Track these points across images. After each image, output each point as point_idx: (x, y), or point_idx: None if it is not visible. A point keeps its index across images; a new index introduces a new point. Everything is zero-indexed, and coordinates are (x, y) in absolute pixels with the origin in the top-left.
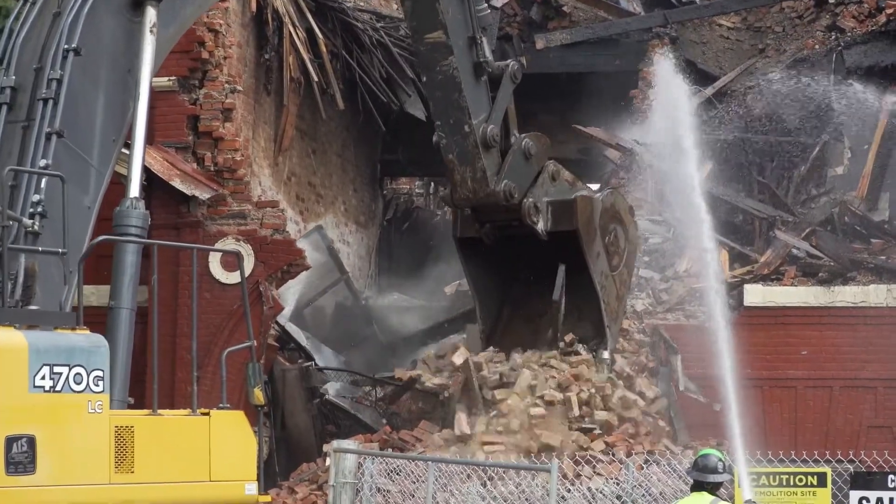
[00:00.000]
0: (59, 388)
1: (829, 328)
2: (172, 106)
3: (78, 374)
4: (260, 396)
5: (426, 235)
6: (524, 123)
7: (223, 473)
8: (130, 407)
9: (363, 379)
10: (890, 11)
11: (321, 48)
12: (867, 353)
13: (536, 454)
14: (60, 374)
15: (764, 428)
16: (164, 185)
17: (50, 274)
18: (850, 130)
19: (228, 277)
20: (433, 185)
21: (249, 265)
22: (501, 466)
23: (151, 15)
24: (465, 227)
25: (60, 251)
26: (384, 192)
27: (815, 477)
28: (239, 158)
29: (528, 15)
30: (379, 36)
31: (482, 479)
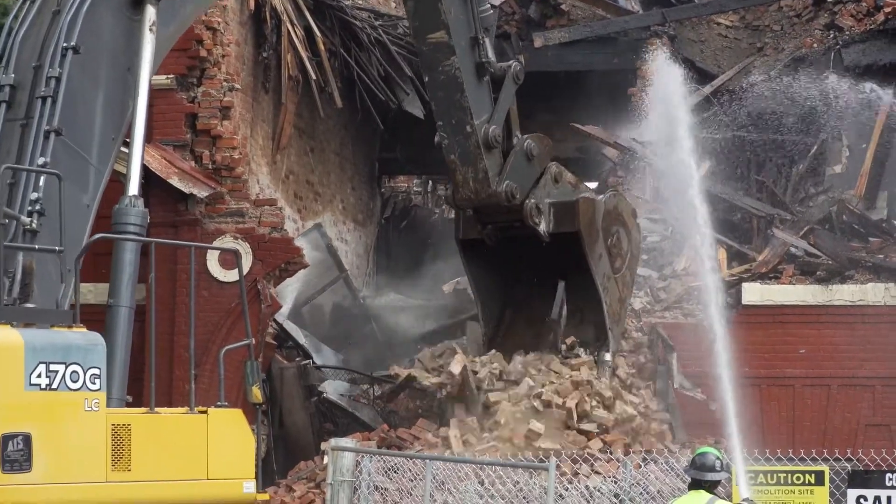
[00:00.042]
0: (55, 386)
1: (827, 327)
2: (170, 104)
3: (74, 372)
4: (258, 394)
5: (424, 234)
6: (522, 122)
7: (221, 471)
8: (129, 405)
9: (361, 377)
10: (888, 10)
11: (319, 46)
12: (865, 351)
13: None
14: (57, 372)
15: (762, 426)
16: (162, 183)
17: (47, 272)
18: (848, 129)
19: (226, 275)
20: (431, 183)
21: (247, 263)
22: (499, 465)
23: (151, 13)
24: (467, 228)
25: (57, 249)
26: (382, 190)
27: (812, 475)
28: (237, 157)
29: (526, 13)
30: (377, 34)
31: (479, 477)
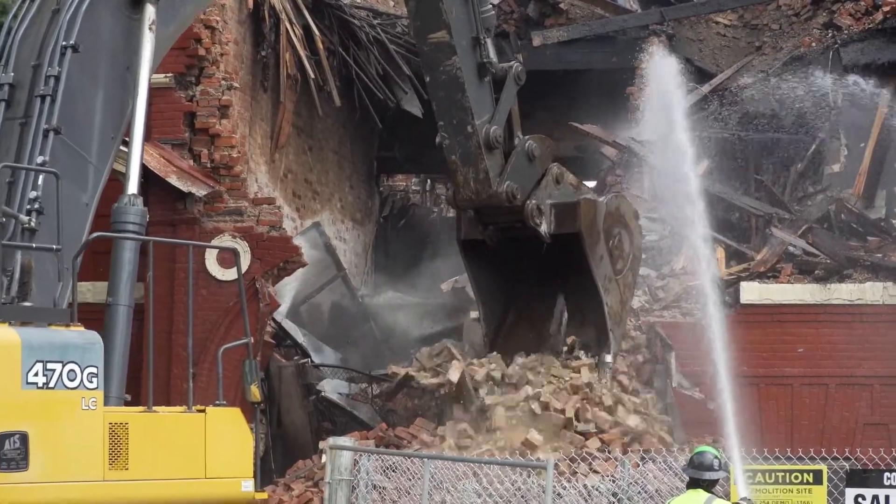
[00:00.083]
0: (52, 384)
1: (825, 326)
2: (169, 103)
3: (72, 370)
4: (256, 393)
5: (422, 232)
6: (521, 121)
7: (219, 470)
8: (127, 404)
9: (359, 376)
10: (887, 9)
11: (318, 45)
12: (863, 350)
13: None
14: (54, 370)
15: (760, 425)
16: (160, 181)
17: (46, 271)
18: (846, 128)
19: (225, 274)
20: (429, 182)
21: (246, 262)
22: (498, 464)
23: (150, 12)
24: (468, 229)
25: (54, 248)
26: (380, 189)
27: (810, 474)
28: (235, 155)
29: (524, 12)
30: (375, 33)
31: (478, 476)
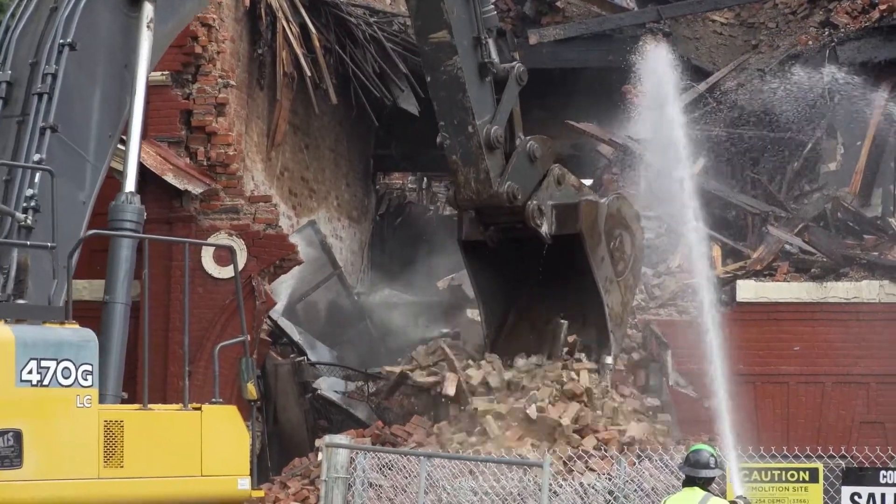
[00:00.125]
0: (46, 382)
1: (821, 324)
2: (165, 100)
3: (66, 368)
4: (253, 391)
5: (419, 230)
6: None
7: (215, 468)
8: (124, 402)
9: (355, 374)
10: (883, 7)
11: (314, 43)
12: (859, 348)
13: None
14: (48, 368)
15: (756, 423)
16: (156, 179)
17: (42, 269)
18: (843, 126)
19: (221, 272)
20: (426, 180)
21: (242, 260)
22: (494, 462)
23: (148, 10)
24: (469, 230)
25: (49, 245)
26: (377, 187)
27: (806, 472)
28: (232, 153)
29: (521, 10)
30: (372, 31)
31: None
